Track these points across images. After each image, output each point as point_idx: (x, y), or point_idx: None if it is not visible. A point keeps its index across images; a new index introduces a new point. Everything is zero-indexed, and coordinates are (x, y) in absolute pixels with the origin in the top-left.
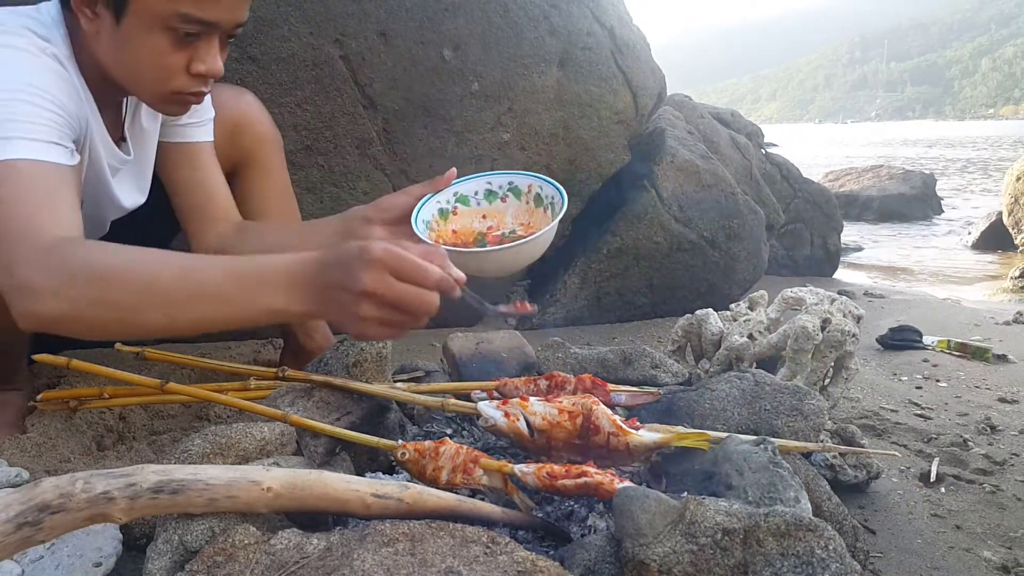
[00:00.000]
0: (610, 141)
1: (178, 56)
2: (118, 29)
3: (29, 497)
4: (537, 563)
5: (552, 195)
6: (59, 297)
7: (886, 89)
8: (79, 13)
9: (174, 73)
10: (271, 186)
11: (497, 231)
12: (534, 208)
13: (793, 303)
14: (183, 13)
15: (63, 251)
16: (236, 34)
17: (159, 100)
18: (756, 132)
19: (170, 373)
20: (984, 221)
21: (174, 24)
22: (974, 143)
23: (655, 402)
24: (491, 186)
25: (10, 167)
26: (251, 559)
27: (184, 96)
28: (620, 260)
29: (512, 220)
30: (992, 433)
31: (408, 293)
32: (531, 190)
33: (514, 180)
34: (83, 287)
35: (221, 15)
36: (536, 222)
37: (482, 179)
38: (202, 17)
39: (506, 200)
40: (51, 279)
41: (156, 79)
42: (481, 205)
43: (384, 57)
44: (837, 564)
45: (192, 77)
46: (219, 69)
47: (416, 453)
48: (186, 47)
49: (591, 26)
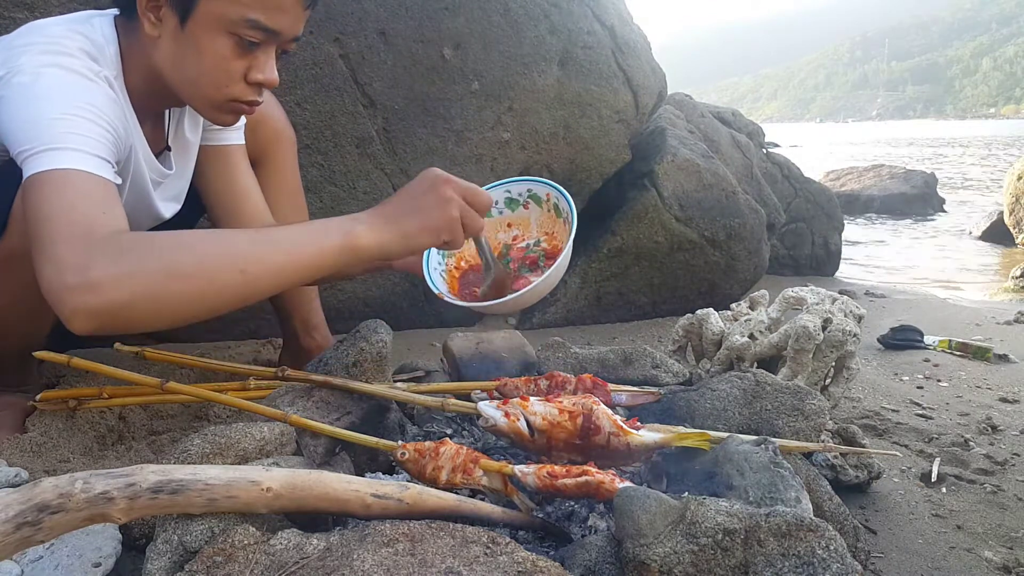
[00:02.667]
0: (610, 140)
1: (238, 63)
2: (182, 32)
3: (28, 497)
4: (537, 563)
5: (567, 211)
6: (128, 280)
7: (887, 88)
8: (143, 17)
9: (233, 79)
10: (283, 183)
11: (522, 241)
12: (555, 217)
13: (794, 303)
14: (251, 19)
15: (124, 237)
16: (290, 49)
17: (213, 107)
18: (757, 131)
19: (169, 373)
20: (985, 220)
21: (240, 30)
22: (975, 142)
23: (656, 402)
24: (511, 193)
25: (64, 175)
26: (251, 559)
27: (239, 104)
28: (621, 260)
29: (537, 229)
30: (993, 433)
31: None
32: (549, 199)
33: (532, 187)
34: (154, 261)
35: (285, 25)
36: (558, 232)
37: (500, 188)
38: (268, 25)
39: (528, 207)
40: (113, 266)
41: (215, 84)
42: (504, 214)
43: (384, 56)
44: (838, 564)
45: (248, 86)
46: (275, 79)
47: (416, 453)
48: (246, 55)
49: (591, 25)
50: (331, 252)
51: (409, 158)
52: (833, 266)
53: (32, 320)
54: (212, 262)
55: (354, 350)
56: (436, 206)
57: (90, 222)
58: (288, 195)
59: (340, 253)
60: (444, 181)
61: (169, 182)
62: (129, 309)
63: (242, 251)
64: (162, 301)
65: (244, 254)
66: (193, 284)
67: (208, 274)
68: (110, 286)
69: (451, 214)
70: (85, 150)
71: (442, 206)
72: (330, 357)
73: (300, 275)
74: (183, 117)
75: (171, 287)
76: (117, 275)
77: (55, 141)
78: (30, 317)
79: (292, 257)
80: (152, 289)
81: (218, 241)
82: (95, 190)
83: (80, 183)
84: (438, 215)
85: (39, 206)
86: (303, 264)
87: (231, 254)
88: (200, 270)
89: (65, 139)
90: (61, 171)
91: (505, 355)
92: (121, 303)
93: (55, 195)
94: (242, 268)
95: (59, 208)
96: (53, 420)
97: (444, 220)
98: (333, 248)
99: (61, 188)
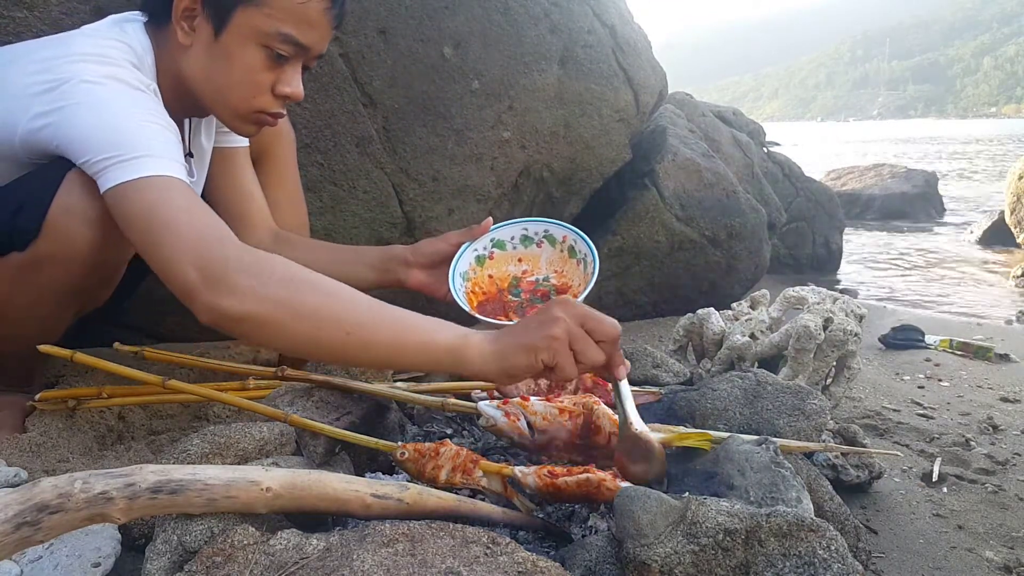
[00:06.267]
0: (611, 139)
1: (267, 75)
2: (215, 43)
3: (28, 497)
4: (538, 564)
5: (585, 253)
6: (253, 295)
7: (888, 87)
8: (176, 27)
9: (262, 91)
10: (283, 182)
11: (532, 276)
12: (567, 258)
13: (795, 302)
14: (284, 33)
15: (259, 254)
16: (312, 66)
17: (239, 118)
18: (758, 130)
19: (169, 373)
20: (986, 220)
21: (272, 43)
22: (976, 141)
23: (656, 402)
24: (527, 232)
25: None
26: (250, 560)
27: (264, 116)
28: (621, 259)
29: (546, 266)
30: (994, 433)
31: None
32: (565, 240)
33: (550, 229)
34: (277, 287)
35: (314, 41)
36: (569, 272)
37: (518, 225)
38: (300, 40)
39: (541, 246)
40: (249, 278)
41: (244, 96)
42: (517, 249)
43: (384, 55)
44: (839, 564)
45: (275, 98)
46: (301, 93)
47: (416, 453)
48: (275, 68)
49: (592, 24)
50: (436, 350)
51: (409, 157)
52: (834, 265)
53: (49, 323)
54: (326, 313)
55: None
56: (539, 326)
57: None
58: (288, 194)
59: (446, 354)
60: (560, 304)
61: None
62: (244, 323)
63: (356, 311)
64: (269, 327)
65: (356, 314)
66: (302, 326)
67: (318, 323)
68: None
69: (551, 332)
70: (174, 158)
71: (545, 326)
72: None
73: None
74: (200, 125)
75: (283, 319)
76: (249, 286)
77: (146, 149)
78: (48, 320)
79: (399, 338)
80: (266, 314)
81: (339, 295)
82: (194, 197)
83: (182, 189)
84: (537, 334)
85: (152, 210)
86: (406, 349)
87: (345, 308)
88: (313, 315)
89: (153, 147)
90: (164, 177)
91: None
92: (243, 313)
93: (166, 200)
94: (348, 330)
95: (176, 210)
96: (52, 420)
97: (543, 338)
98: (439, 347)
99: (168, 193)
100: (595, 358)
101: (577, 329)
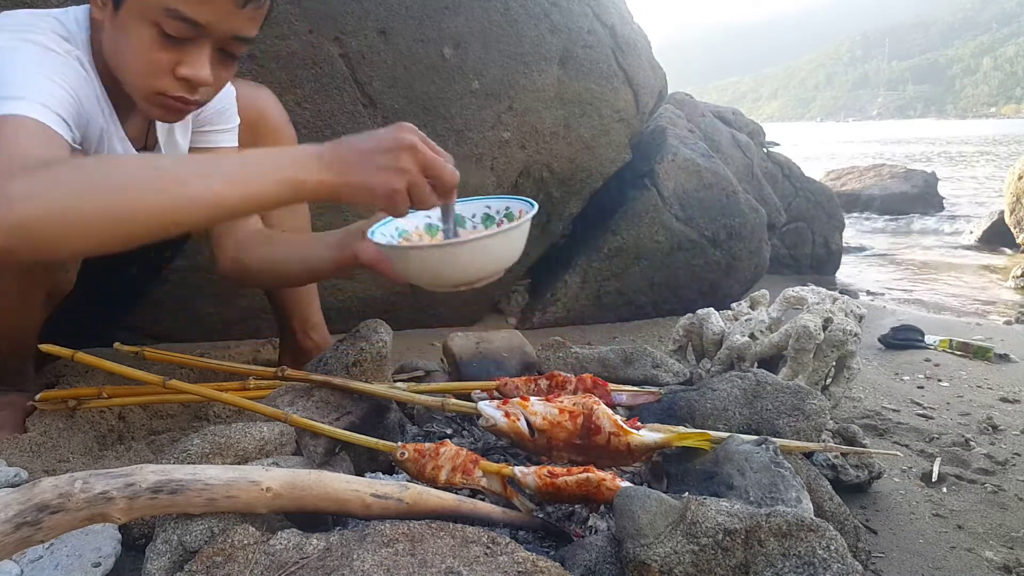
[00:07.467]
0: (611, 139)
1: (164, 55)
2: (116, 18)
3: (28, 497)
4: (538, 563)
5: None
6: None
7: (887, 88)
8: (91, 2)
9: (159, 72)
10: None
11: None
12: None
13: (795, 302)
14: (170, 8)
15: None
16: (236, 51)
17: (144, 99)
18: (757, 130)
19: (169, 373)
20: (986, 220)
21: (160, 18)
22: (976, 142)
23: (656, 402)
24: (490, 210)
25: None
26: (250, 559)
27: (168, 99)
28: (621, 259)
29: None
30: (994, 433)
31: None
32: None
33: (511, 205)
34: (71, 176)
35: (210, 18)
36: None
37: (481, 202)
38: (189, 15)
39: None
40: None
41: (140, 74)
42: (478, 228)
43: (384, 55)
44: (839, 564)
45: (177, 80)
46: (204, 77)
47: (416, 453)
48: (173, 48)
49: (592, 24)
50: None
51: None
52: (834, 265)
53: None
54: (130, 179)
55: (354, 350)
56: (384, 170)
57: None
58: None
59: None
60: (407, 147)
61: None
62: (40, 224)
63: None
64: (74, 217)
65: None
66: (105, 202)
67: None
68: (21, 200)
69: (394, 186)
70: (45, 103)
71: (390, 174)
72: (330, 357)
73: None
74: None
75: (85, 203)
76: (30, 190)
77: (16, 92)
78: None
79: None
80: (65, 203)
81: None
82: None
83: (35, 129)
84: (382, 180)
85: None
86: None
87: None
88: (116, 185)
89: (25, 91)
90: (19, 117)
91: (505, 355)
92: (32, 217)
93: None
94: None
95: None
96: (53, 420)
97: (384, 188)
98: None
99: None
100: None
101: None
